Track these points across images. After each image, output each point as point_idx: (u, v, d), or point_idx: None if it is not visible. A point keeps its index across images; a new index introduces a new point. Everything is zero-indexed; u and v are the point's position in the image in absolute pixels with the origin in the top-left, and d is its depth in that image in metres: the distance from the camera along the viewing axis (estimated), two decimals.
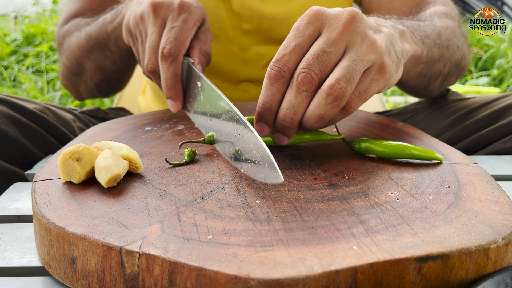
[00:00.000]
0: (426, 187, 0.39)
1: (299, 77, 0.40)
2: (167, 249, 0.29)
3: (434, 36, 0.62)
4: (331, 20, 0.41)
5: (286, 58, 0.41)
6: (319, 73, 0.40)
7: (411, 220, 0.33)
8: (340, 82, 0.39)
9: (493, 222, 0.33)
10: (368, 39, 0.41)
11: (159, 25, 0.55)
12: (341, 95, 0.39)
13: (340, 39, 0.40)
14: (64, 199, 0.36)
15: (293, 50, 0.41)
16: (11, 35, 3.19)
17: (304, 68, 0.40)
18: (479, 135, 0.66)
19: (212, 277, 0.27)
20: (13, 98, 0.64)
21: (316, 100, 0.40)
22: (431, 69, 0.65)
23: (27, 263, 0.35)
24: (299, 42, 0.41)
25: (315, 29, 0.41)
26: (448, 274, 0.29)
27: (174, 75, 0.53)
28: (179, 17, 0.54)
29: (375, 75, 0.42)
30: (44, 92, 2.34)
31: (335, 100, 0.39)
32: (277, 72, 0.40)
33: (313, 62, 0.40)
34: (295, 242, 0.30)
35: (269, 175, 0.36)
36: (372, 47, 0.41)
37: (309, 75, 0.39)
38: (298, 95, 0.40)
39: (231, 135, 0.42)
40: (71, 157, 0.39)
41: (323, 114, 0.40)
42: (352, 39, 0.41)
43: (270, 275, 0.26)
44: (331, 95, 0.39)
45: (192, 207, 0.35)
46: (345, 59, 0.40)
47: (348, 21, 0.41)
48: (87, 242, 0.31)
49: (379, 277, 0.28)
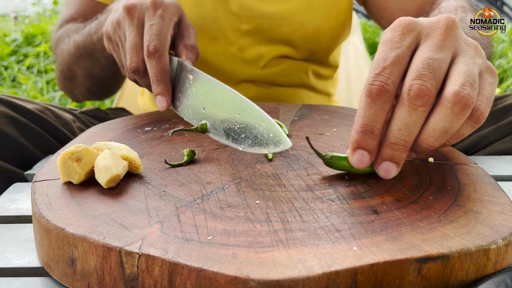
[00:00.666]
0: (426, 188, 0.39)
1: (411, 90, 0.34)
2: (167, 250, 0.29)
3: (480, 38, 0.59)
4: (429, 28, 0.38)
5: (388, 71, 0.35)
6: (434, 83, 0.35)
7: (411, 221, 0.33)
8: (465, 88, 0.34)
9: (493, 223, 0.33)
10: (471, 43, 0.38)
11: (136, 25, 0.55)
12: (470, 102, 0.34)
13: (445, 45, 0.36)
14: (63, 200, 0.36)
15: (394, 62, 0.36)
16: (11, 35, 3.19)
17: (416, 80, 0.34)
18: (479, 135, 0.66)
19: (212, 278, 0.27)
20: (13, 98, 0.64)
21: (439, 113, 0.35)
22: None
23: (26, 264, 0.35)
24: (399, 53, 0.36)
25: (412, 39, 0.37)
26: (448, 275, 0.29)
27: (163, 70, 0.53)
28: (155, 14, 0.54)
29: (490, 78, 0.38)
30: (44, 92, 2.34)
31: (463, 109, 0.34)
32: (379, 87, 0.35)
33: (424, 72, 0.35)
34: (295, 242, 0.30)
35: (276, 142, 0.36)
36: (477, 50, 0.38)
37: (424, 86, 0.34)
38: (413, 112, 0.35)
39: (229, 117, 0.42)
40: (70, 158, 0.39)
41: (448, 128, 0.35)
42: (457, 45, 0.37)
43: (270, 276, 0.26)
44: (458, 103, 0.34)
45: (192, 208, 0.35)
46: (458, 64, 0.36)
47: (449, 27, 0.37)
48: (86, 242, 0.31)
49: (379, 278, 0.28)
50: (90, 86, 0.82)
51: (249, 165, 0.43)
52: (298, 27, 0.76)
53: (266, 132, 0.36)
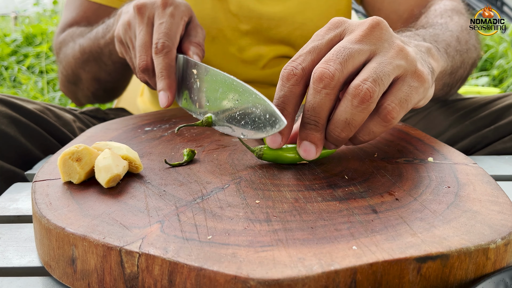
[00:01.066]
0: (425, 187, 0.39)
1: (315, 73, 0.37)
2: (167, 249, 0.29)
3: (455, 43, 0.59)
4: (354, 26, 0.39)
5: (302, 58, 0.38)
6: (338, 67, 0.36)
7: (410, 220, 0.33)
8: (366, 82, 0.36)
9: (493, 222, 0.33)
10: (396, 45, 0.39)
11: (146, 23, 0.55)
12: (368, 96, 0.36)
13: (363, 40, 0.38)
14: (64, 199, 0.36)
15: (309, 51, 0.38)
16: (11, 36, 3.19)
17: (322, 64, 0.37)
18: (479, 135, 0.66)
19: (212, 277, 0.27)
20: (13, 98, 0.64)
21: (341, 104, 0.37)
22: (454, 78, 0.62)
23: (27, 263, 0.35)
24: (317, 44, 0.39)
25: (335, 34, 0.39)
26: (447, 274, 0.29)
27: (169, 65, 0.53)
28: (164, 12, 0.54)
29: (413, 82, 0.39)
30: (44, 93, 2.34)
31: (361, 102, 0.36)
32: (289, 71, 0.38)
33: (331, 57, 0.37)
34: (294, 242, 0.30)
35: (271, 124, 0.36)
36: (401, 52, 0.38)
37: (327, 69, 0.36)
38: (317, 94, 0.37)
39: (230, 105, 0.42)
40: (71, 157, 0.39)
41: (349, 119, 0.37)
42: (378, 44, 0.38)
43: (270, 275, 0.27)
44: (356, 96, 0.36)
45: (192, 207, 0.35)
46: (370, 62, 0.38)
47: (373, 26, 0.38)
48: (86, 242, 0.31)
49: (379, 277, 0.28)
50: (96, 90, 0.82)
51: (249, 165, 0.43)
52: (297, 27, 0.76)
53: (262, 114, 0.36)
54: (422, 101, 0.42)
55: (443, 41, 0.56)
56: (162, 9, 0.54)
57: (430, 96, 0.44)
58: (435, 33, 0.57)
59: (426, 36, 0.54)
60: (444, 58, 0.53)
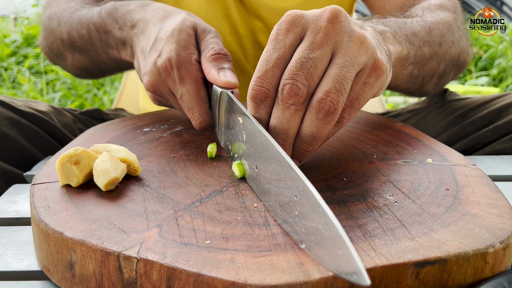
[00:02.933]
0: (424, 190, 0.39)
1: (284, 89, 0.36)
2: (165, 255, 0.29)
3: (424, 34, 0.57)
4: (312, 23, 0.37)
5: (270, 75, 0.37)
6: (305, 83, 0.36)
7: (409, 224, 0.33)
8: (329, 95, 0.35)
9: (491, 226, 0.33)
10: (357, 37, 0.37)
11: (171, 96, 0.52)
12: (333, 109, 0.36)
13: (325, 42, 0.36)
14: (62, 203, 0.36)
15: (275, 64, 0.37)
16: (10, 36, 3.19)
17: (288, 80, 0.36)
18: (477, 135, 0.66)
19: (210, 283, 0.27)
20: (13, 100, 0.64)
21: (306, 118, 0.37)
22: (423, 70, 0.61)
23: (25, 267, 0.35)
24: (280, 54, 0.37)
25: (295, 36, 0.38)
26: (445, 279, 0.29)
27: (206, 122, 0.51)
28: (175, 83, 0.50)
29: (368, 78, 0.38)
30: (44, 93, 2.34)
31: (327, 115, 0.36)
32: (260, 93, 0.37)
33: (297, 72, 0.36)
34: (293, 247, 0.30)
35: (346, 269, 0.26)
36: (363, 45, 0.37)
37: (295, 85, 0.36)
38: (286, 110, 0.36)
39: (285, 194, 0.32)
40: (69, 161, 0.39)
41: (315, 132, 0.37)
42: (338, 40, 0.37)
43: (268, 281, 0.26)
44: (321, 110, 0.36)
45: (190, 211, 0.35)
46: (333, 66, 0.36)
47: (331, 21, 0.37)
48: (85, 247, 0.31)
49: (377, 282, 0.28)
50: (79, 73, 0.77)
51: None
52: None
53: (331, 243, 0.27)
54: (381, 91, 0.42)
55: (409, 30, 0.55)
56: (171, 81, 0.50)
57: (388, 82, 0.43)
58: (403, 21, 0.56)
59: (390, 23, 0.52)
60: (404, 45, 0.52)
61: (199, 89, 0.50)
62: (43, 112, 0.67)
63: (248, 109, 0.39)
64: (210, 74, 0.49)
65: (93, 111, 0.83)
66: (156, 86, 0.51)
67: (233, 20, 0.77)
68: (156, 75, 0.51)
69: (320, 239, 0.28)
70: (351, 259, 0.25)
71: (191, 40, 0.51)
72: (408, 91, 0.68)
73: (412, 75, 0.60)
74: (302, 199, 0.30)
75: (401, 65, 0.54)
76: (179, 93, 0.50)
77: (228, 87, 0.47)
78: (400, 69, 0.55)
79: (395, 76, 0.56)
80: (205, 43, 0.52)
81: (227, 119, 0.45)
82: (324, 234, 0.27)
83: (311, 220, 0.29)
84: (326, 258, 0.27)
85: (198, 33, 0.53)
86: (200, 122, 0.50)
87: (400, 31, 0.52)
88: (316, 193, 0.29)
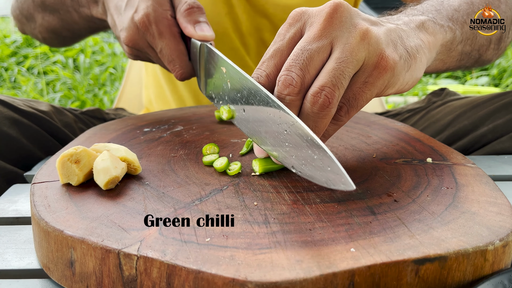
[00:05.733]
0: (424, 188, 0.39)
1: (279, 81, 0.37)
2: (165, 252, 0.29)
3: (465, 6, 0.54)
4: (313, 17, 0.38)
5: (265, 65, 0.38)
6: (300, 73, 0.36)
7: (408, 222, 0.33)
8: (324, 88, 0.36)
9: (491, 224, 0.33)
10: (358, 32, 0.37)
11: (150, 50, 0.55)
12: (327, 103, 0.36)
13: (322, 35, 0.36)
14: (62, 202, 0.36)
15: (272, 55, 0.38)
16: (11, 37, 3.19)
17: (284, 71, 0.37)
18: (477, 134, 0.66)
19: (210, 280, 0.27)
20: (14, 99, 0.64)
21: (302, 112, 0.37)
22: (475, 42, 0.57)
23: (26, 266, 0.36)
24: (278, 46, 0.38)
25: (296, 30, 0.38)
26: (445, 276, 0.29)
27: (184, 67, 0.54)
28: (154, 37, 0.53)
29: (369, 78, 0.37)
30: (44, 94, 2.34)
31: (321, 109, 0.36)
32: (255, 80, 0.38)
33: (292, 63, 0.36)
34: (292, 244, 0.30)
35: (334, 179, 0.32)
36: (363, 41, 0.37)
37: (289, 76, 0.36)
38: (282, 101, 0.37)
39: (275, 129, 0.37)
40: (69, 159, 0.39)
41: (312, 125, 0.37)
42: (337, 34, 0.37)
43: (268, 278, 0.27)
44: (316, 103, 0.36)
45: (191, 209, 0.35)
46: (330, 60, 0.36)
47: (330, 15, 0.37)
48: (85, 245, 0.31)
49: (377, 279, 0.28)
50: (48, 35, 0.77)
51: (248, 166, 0.43)
52: None
53: (321, 163, 0.32)
54: (387, 90, 0.40)
55: (448, 7, 0.53)
56: (149, 34, 0.53)
57: (407, 81, 0.42)
58: (439, 1, 0.53)
59: (426, 9, 0.51)
60: (446, 29, 0.50)
61: (177, 43, 0.53)
62: (44, 111, 0.67)
63: None
64: (186, 29, 0.52)
65: (93, 111, 0.83)
66: (135, 40, 0.54)
67: (237, 18, 0.77)
68: (134, 30, 0.53)
69: (310, 162, 0.33)
70: (339, 172, 0.31)
71: (162, 8, 0.53)
72: (464, 67, 0.65)
73: (463, 53, 0.57)
74: (292, 132, 0.34)
75: (447, 50, 0.52)
76: (158, 47, 0.53)
77: (205, 41, 0.50)
78: (447, 53, 0.53)
79: (442, 62, 0.54)
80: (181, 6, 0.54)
81: (208, 69, 0.48)
82: (313, 157, 0.33)
83: (300, 148, 0.34)
84: (317, 175, 0.33)
85: None
86: (181, 74, 0.54)
87: (439, 14, 0.50)
88: (304, 125, 0.33)
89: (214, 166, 0.42)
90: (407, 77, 0.41)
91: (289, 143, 0.35)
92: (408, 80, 0.42)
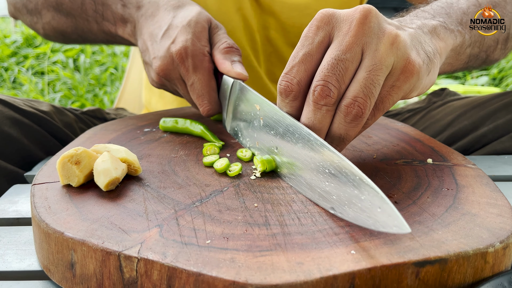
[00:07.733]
0: (424, 190, 0.39)
1: (315, 91, 0.37)
2: (166, 254, 0.29)
3: (473, 8, 0.55)
4: (342, 22, 0.38)
5: (295, 70, 0.38)
6: (337, 84, 0.36)
7: (409, 224, 0.33)
8: (357, 99, 0.36)
9: (491, 226, 0.33)
10: (387, 37, 0.37)
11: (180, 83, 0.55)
12: (360, 113, 0.36)
13: (355, 43, 0.37)
14: (63, 203, 0.36)
15: (302, 60, 0.38)
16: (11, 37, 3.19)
17: (320, 81, 0.37)
18: (477, 134, 0.66)
19: (210, 283, 0.27)
20: (15, 99, 0.64)
21: (335, 121, 0.38)
22: (483, 44, 0.58)
23: (26, 267, 0.35)
24: (308, 50, 0.38)
25: (325, 34, 0.38)
26: (446, 278, 0.29)
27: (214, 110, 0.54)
28: (188, 70, 0.52)
29: (396, 81, 0.38)
30: (45, 94, 2.34)
31: (354, 119, 0.37)
32: (285, 87, 0.38)
33: (328, 73, 0.36)
34: (293, 246, 0.30)
35: (385, 222, 0.30)
36: (392, 46, 0.37)
37: (326, 87, 0.36)
38: (318, 111, 0.37)
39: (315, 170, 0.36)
40: (70, 161, 0.39)
41: (344, 135, 0.38)
42: (367, 41, 0.37)
43: (268, 281, 0.27)
44: (349, 114, 0.36)
45: (191, 211, 0.35)
46: (361, 69, 0.37)
47: (361, 22, 0.37)
48: (85, 247, 0.31)
49: (377, 282, 0.28)
50: (52, 34, 0.74)
51: (248, 168, 0.43)
52: None
53: (369, 204, 0.31)
54: (412, 93, 0.41)
55: (458, 10, 0.53)
56: (184, 68, 0.52)
57: (426, 85, 0.43)
58: (449, 3, 0.54)
59: (437, 12, 0.51)
60: (456, 33, 0.50)
61: (210, 78, 0.53)
62: (45, 111, 0.67)
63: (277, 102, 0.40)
64: (223, 65, 0.52)
65: (94, 111, 0.83)
66: (168, 71, 0.54)
67: (245, 16, 0.77)
68: (169, 60, 0.53)
69: (355, 202, 0.32)
70: (392, 214, 0.29)
71: (205, 33, 0.54)
72: (471, 68, 0.65)
73: (471, 55, 0.58)
74: (336, 171, 0.33)
75: (456, 53, 0.53)
76: (190, 80, 0.53)
77: (239, 79, 0.50)
78: (456, 57, 0.54)
79: (450, 65, 0.55)
80: (218, 37, 0.55)
81: (237, 106, 0.49)
82: (361, 198, 0.31)
83: (345, 188, 0.32)
84: (362, 217, 0.31)
85: (212, 27, 0.56)
86: (209, 110, 0.54)
87: (449, 17, 0.51)
88: (352, 164, 0.32)
89: (214, 167, 0.43)
90: (427, 80, 0.42)
91: (331, 182, 0.34)
92: (427, 83, 0.42)
